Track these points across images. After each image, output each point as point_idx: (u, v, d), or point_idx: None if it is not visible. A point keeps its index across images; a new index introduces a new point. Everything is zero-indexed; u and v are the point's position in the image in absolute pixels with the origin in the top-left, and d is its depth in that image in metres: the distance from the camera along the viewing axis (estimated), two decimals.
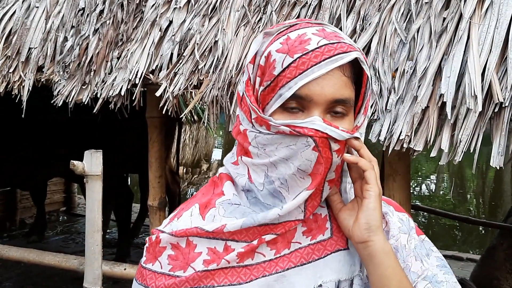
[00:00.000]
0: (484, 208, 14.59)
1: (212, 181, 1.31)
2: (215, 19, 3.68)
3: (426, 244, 1.33)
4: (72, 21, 4.27)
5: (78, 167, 3.53)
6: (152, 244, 1.23)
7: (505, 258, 6.42)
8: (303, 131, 1.09)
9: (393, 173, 3.32)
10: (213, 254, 1.17)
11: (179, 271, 1.17)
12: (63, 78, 4.06)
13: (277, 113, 1.13)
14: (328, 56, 1.09)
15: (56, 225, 9.14)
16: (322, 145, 1.10)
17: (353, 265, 1.21)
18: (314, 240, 1.21)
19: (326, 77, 1.09)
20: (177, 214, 1.27)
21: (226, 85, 3.37)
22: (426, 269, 1.26)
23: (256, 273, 1.17)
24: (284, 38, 1.13)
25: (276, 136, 1.12)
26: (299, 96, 1.10)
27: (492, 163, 2.59)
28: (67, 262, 4.23)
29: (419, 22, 3.00)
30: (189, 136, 14.99)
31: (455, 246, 9.54)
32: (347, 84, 1.13)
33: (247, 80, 1.20)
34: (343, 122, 1.14)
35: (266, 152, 1.15)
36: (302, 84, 1.09)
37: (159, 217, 4.47)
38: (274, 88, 1.13)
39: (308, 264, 1.19)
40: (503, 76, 2.69)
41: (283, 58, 1.11)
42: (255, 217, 1.15)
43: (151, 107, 4.29)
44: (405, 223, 1.33)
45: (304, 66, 1.09)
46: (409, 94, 2.86)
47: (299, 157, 1.11)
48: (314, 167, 1.12)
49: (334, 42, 1.11)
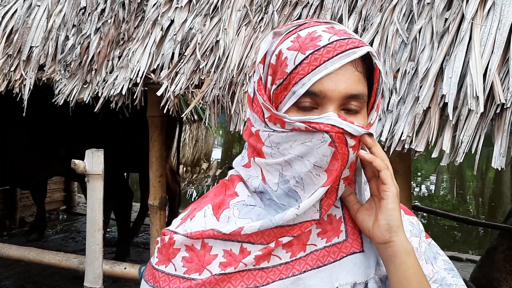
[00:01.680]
0: (483, 209, 14.60)
1: (223, 183, 1.29)
2: (217, 19, 3.68)
3: (433, 247, 1.34)
4: (73, 20, 4.26)
5: (80, 166, 3.53)
6: (165, 245, 1.20)
7: (504, 259, 6.42)
8: (319, 127, 1.08)
9: (394, 173, 3.30)
10: (229, 256, 1.16)
11: (195, 273, 1.15)
12: (64, 77, 4.06)
13: (290, 111, 1.13)
14: (340, 51, 1.08)
15: (56, 224, 9.13)
16: (339, 140, 1.09)
17: (368, 268, 1.20)
18: (330, 243, 1.20)
19: (339, 72, 1.09)
20: (190, 214, 1.25)
21: (227, 85, 3.36)
22: (436, 272, 1.27)
23: (273, 276, 1.16)
24: (295, 36, 1.13)
25: (290, 134, 1.11)
26: (313, 93, 1.10)
27: (494, 164, 2.59)
28: (68, 261, 4.23)
29: (421, 23, 3.00)
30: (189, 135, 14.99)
31: (454, 247, 9.54)
32: (360, 79, 1.12)
33: (258, 80, 1.19)
34: (357, 118, 1.13)
35: (280, 151, 1.14)
36: (315, 80, 1.08)
37: (159, 216, 4.47)
38: (287, 86, 1.12)
39: (324, 266, 1.18)
40: (505, 77, 2.69)
41: (295, 55, 1.10)
42: (273, 219, 1.14)
43: (152, 106, 4.29)
44: (415, 227, 1.34)
45: (316, 62, 1.08)
46: (411, 94, 2.85)
47: (315, 153, 1.10)
48: (330, 163, 1.10)
49: (345, 38, 1.10)
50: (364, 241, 1.22)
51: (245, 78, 3.33)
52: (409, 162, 3.43)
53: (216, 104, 3.42)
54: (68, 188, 10.10)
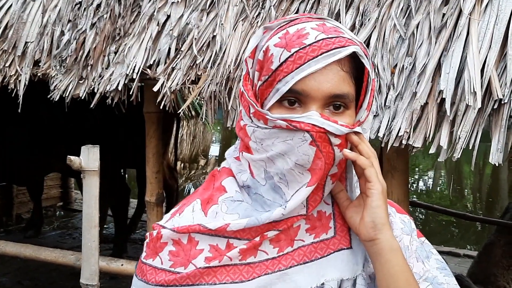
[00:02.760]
0: (481, 205, 14.62)
1: (212, 175, 1.30)
2: (213, 14, 3.66)
3: (426, 246, 1.34)
4: (69, 15, 4.24)
5: (75, 163, 3.51)
6: (153, 239, 1.22)
7: (502, 255, 6.43)
8: (299, 126, 1.08)
9: (392, 169, 3.30)
10: (215, 251, 1.16)
11: (180, 267, 1.16)
12: (60, 72, 4.04)
13: (275, 108, 1.13)
14: (325, 50, 1.08)
15: (53, 221, 9.13)
16: (321, 140, 1.09)
17: (356, 265, 1.20)
18: (318, 239, 1.20)
19: (323, 72, 1.08)
20: (179, 209, 1.26)
21: (224, 80, 3.35)
22: (427, 271, 1.27)
23: (259, 271, 1.16)
24: (283, 32, 1.13)
25: (273, 131, 1.12)
26: (296, 91, 1.09)
27: (491, 160, 2.58)
28: (64, 257, 4.21)
29: (418, 18, 2.99)
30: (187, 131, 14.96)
31: (452, 242, 9.56)
32: (345, 79, 1.11)
33: (245, 75, 1.20)
34: (343, 117, 1.13)
35: (263, 147, 1.15)
36: (298, 79, 1.08)
37: (156, 212, 4.46)
38: (271, 82, 1.12)
39: (311, 262, 1.19)
40: (502, 72, 2.68)
41: (281, 52, 1.10)
42: (259, 218, 1.14)
43: (149, 102, 4.27)
44: (407, 225, 1.33)
45: (301, 61, 1.08)
46: (408, 90, 2.84)
47: (296, 152, 1.10)
48: (313, 162, 1.10)
49: (333, 37, 1.09)
50: (353, 238, 1.23)
51: (242, 73, 3.31)
52: (407, 158, 3.42)
53: (213, 99, 3.41)
54: (65, 184, 10.08)
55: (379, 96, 2.89)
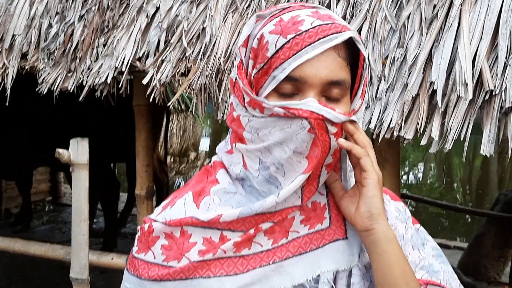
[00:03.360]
0: (471, 196, 14.71)
1: (205, 169, 1.28)
2: (203, 6, 3.63)
3: (421, 233, 1.33)
4: (56, 7, 4.19)
5: (64, 156, 3.48)
6: (144, 233, 1.20)
7: (492, 246, 6.48)
8: (298, 113, 1.07)
9: (383, 161, 3.30)
10: (209, 244, 1.15)
11: (173, 261, 1.15)
12: (48, 65, 4.00)
13: (271, 96, 1.11)
14: (322, 36, 1.07)
15: (42, 215, 9.09)
16: (318, 127, 1.08)
17: (351, 255, 1.19)
18: (312, 230, 1.19)
19: (321, 58, 1.07)
20: (170, 202, 1.24)
21: (215, 73, 3.32)
22: (423, 259, 1.26)
23: (253, 263, 1.15)
24: (277, 20, 1.11)
25: (270, 119, 1.10)
26: (293, 78, 1.08)
27: (483, 151, 2.58)
28: (54, 252, 4.19)
29: (409, 9, 2.98)
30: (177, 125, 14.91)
31: (442, 234, 9.60)
32: (342, 66, 1.10)
33: (239, 64, 1.18)
34: (339, 105, 1.12)
35: (259, 137, 1.13)
36: (296, 65, 1.07)
37: (146, 206, 4.44)
38: (267, 70, 1.10)
39: (306, 253, 1.18)
40: (493, 63, 2.67)
41: (276, 39, 1.08)
42: (252, 207, 1.13)
43: (138, 95, 4.24)
44: (402, 212, 1.32)
45: (297, 47, 1.07)
46: (400, 81, 2.83)
47: (295, 139, 1.09)
48: (311, 150, 1.09)
49: (328, 23, 1.08)
50: (348, 228, 1.21)
51: (232, 65, 3.29)
52: (398, 150, 3.42)
53: (203, 92, 3.38)
54: (54, 178, 10.04)
55: (370, 88, 2.88)
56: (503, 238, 6.47)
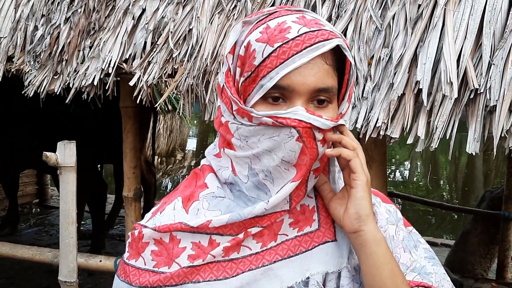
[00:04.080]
0: (457, 194, 14.79)
1: (194, 173, 1.28)
2: (189, 7, 3.63)
3: (414, 235, 1.33)
4: (42, 10, 4.18)
5: (51, 159, 3.46)
6: (134, 239, 1.20)
7: (478, 243, 6.53)
8: (286, 122, 1.07)
9: (370, 160, 3.32)
10: (198, 248, 1.15)
11: (164, 267, 1.15)
12: (34, 68, 3.99)
13: (258, 104, 1.11)
14: (309, 44, 1.06)
15: (29, 218, 9.02)
16: (306, 135, 1.08)
17: (340, 257, 1.19)
18: (301, 232, 1.19)
19: (308, 66, 1.07)
20: (160, 208, 1.24)
21: (201, 74, 3.33)
22: (415, 261, 1.26)
23: (242, 267, 1.15)
24: (264, 27, 1.11)
25: (258, 128, 1.10)
26: (281, 87, 1.08)
27: (468, 149, 2.60)
28: (41, 255, 4.17)
29: (394, 9, 3.00)
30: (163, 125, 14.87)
31: (429, 232, 9.65)
32: (329, 73, 1.11)
33: (227, 71, 1.17)
34: (327, 111, 1.12)
35: (248, 144, 1.13)
36: (283, 74, 1.07)
37: (134, 208, 4.43)
38: (255, 78, 1.10)
39: (295, 256, 1.18)
40: (478, 62, 2.70)
41: (263, 47, 1.08)
42: (241, 213, 1.13)
43: (125, 96, 4.23)
44: (392, 214, 1.32)
45: (285, 56, 1.06)
46: (385, 81, 2.85)
47: (283, 148, 1.09)
48: (299, 158, 1.10)
49: (315, 30, 1.08)
50: (337, 230, 1.21)
51: (219, 66, 3.30)
52: (385, 149, 3.44)
53: (190, 93, 3.39)
54: (40, 181, 9.96)
55: (356, 88, 2.90)
56: (489, 235, 6.52)
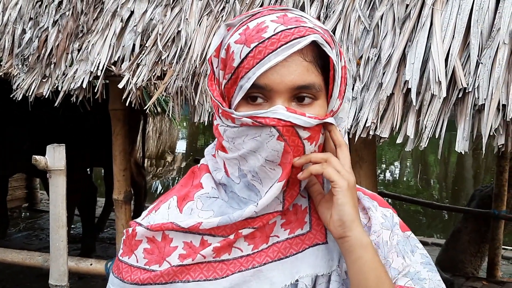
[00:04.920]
0: (447, 193, 14.85)
1: (192, 172, 1.30)
2: (178, 9, 3.63)
3: (412, 240, 1.30)
4: (30, 13, 4.17)
5: (41, 162, 3.45)
6: (128, 236, 1.22)
7: (469, 242, 6.56)
8: (265, 121, 1.07)
9: (360, 160, 3.33)
10: (189, 248, 1.16)
11: (155, 265, 1.16)
12: (22, 71, 3.97)
13: (241, 106, 1.12)
14: (284, 42, 1.06)
15: (19, 222, 8.98)
16: (288, 134, 1.08)
17: (331, 260, 1.19)
18: (293, 234, 1.19)
19: (285, 64, 1.07)
20: (155, 206, 1.26)
21: (190, 76, 3.33)
22: (408, 266, 1.23)
23: (233, 268, 1.16)
24: (244, 28, 1.11)
25: (241, 129, 1.11)
26: (259, 86, 1.08)
27: (457, 148, 2.61)
28: (32, 259, 4.16)
29: (382, 9, 3.00)
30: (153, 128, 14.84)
31: (420, 231, 9.68)
32: (309, 69, 1.09)
33: (210, 75, 1.19)
34: (311, 108, 1.11)
35: (235, 146, 1.14)
36: (259, 74, 1.06)
37: (124, 211, 4.42)
38: (235, 80, 1.11)
39: (286, 258, 1.18)
40: (466, 61, 2.71)
41: (241, 48, 1.08)
42: (231, 216, 1.14)
43: (114, 99, 4.22)
44: (388, 219, 1.30)
45: (260, 55, 1.06)
46: (374, 81, 2.86)
47: (265, 148, 1.09)
48: (283, 157, 1.10)
49: (292, 27, 1.07)
50: (328, 233, 1.21)
51: (208, 68, 3.30)
52: (374, 149, 3.45)
53: (179, 95, 3.38)
54: (30, 185, 9.92)
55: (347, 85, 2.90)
56: (479, 233, 6.55)
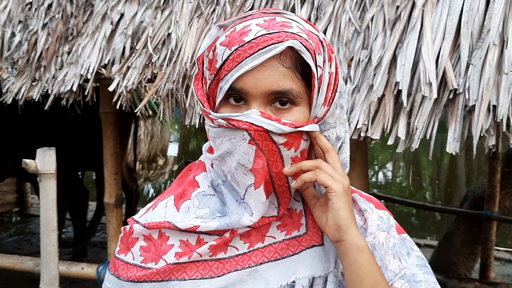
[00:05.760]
0: (440, 195, 14.87)
1: (188, 169, 1.32)
2: (168, 11, 3.62)
3: (408, 243, 1.31)
4: (19, 16, 4.15)
5: (31, 166, 3.43)
6: (125, 234, 1.23)
7: (461, 243, 6.57)
8: (237, 124, 1.07)
9: (351, 162, 3.31)
10: (185, 246, 1.17)
11: (151, 263, 1.17)
12: (12, 75, 3.95)
13: (222, 106, 1.12)
14: (262, 47, 1.05)
15: (9, 227, 8.93)
16: (261, 138, 1.08)
17: (327, 262, 1.20)
18: (289, 236, 1.20)
19: (261, 69, 1.06)
20: (153, 205, 1.27)
21: (181, 78, 3.32)
22: (404, 268, 1.24)
23: (229, 267, 1.16)
24: (231, 30, 1.11)
25: (219, 130, 1.12)
26: (236, 89, 1.09)
27: (448, 149, 2.62)
28: (22, 263, 4.13)
29: (372, 11, 3.01)
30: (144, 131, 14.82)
31: (412, 233, 9.69)
32: (286, 75, 1.08)
33: (197, 74, 1.19)
34: (290, 114, 1.10)
35: (216, 146, 1.15)
36: (236, 77, 1.07)
37: (116, 214, 4.40)
38: (217, 81, 1.12)
39: (282, 259, 1.18)
40: (456, 62, 2.72)
41: (223, 50, 1.09)
42: (228, 223, 1.14)
43: (105, 102, 4.21)
44: (384, 221, 1.31)
45: (239, 58, 1.06)
46: (365, 83, 2.86)
47: (238, 150, 1.10)
48: (255, 162, 1.10)
49: (273, 32, 1.06)
50: (325, 235, 1.21)
51: None
52: (366, 150, 3.45)
53: (170, 98, 3.37)
54: (20, 189, 9.86)
55: None
56: (471, 235, 6.56)
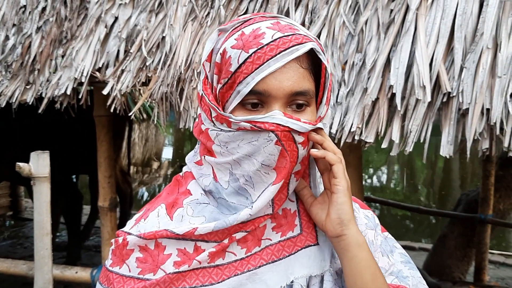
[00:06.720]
0: (434, 198, 14.90)
1: (176, 180, 1.29)
2: (162, 15, 3.62)
3: (390, 241, 1.36)
4: (13, 19, 4.14)
5: (25, 169, 3.43)
6: (118, 246, 1.20)
7: (455, 246, 6.58)
8: (264, 126, 1.08)
9: (346, 165, 3.32)
10: (183, 255, 1.15)
11: (149, 274, 1.15)
12: (6, 78, 3.94)
13: (237, 110, 1.12)
14: (283, 49, 1.07)
15: (3, 230, 8.90)
16: (285, 138, 1.09)
17: (323, 261, 1.21)
18: (284, 237, 1.21)
19: (283, 70, 1.08)
20: (143, 215, 1.25)
21: (175, 82, 3.31)
22: (392, 265, 1.29)
23: (228, 273, 1.16)
24: (239, 33, 1.12)
25: (237, 133, 1.11)
26: (258, 92, 1.09)
27: (442, 153, 2.62)
28: (16, 267, 4.12)
29: (367, 14, 3.02)
30: (139, 134, 14.80)
31: (407, 236, 9.70)
32: (305, 76, 1.11)
33: (204, 79, 1.18)
34: (305, 114, 1.13)
35: (228, 150, 1.14)
36: (259, 79, 1.07)
37: (110, 218, 4.39)
38: (232, 85, 1.11)
39: (280, 260, 1.19)
40: (450, 66, 2.73)
41: (239, 54, 1.09)
42: (226, 220, 1.14)
43: (99, 105, 4.20)
44: (371, 220, 1.35)
45: (260, 61, 1.07)
46: (359, 86, 2.87)
47: (262, 152, 1.10)
48: (278, 161, 1.11)
49: (289, 34, 1.09)
50: (319, 234, 1.23)
51: (193, 74, 3.29)
52: (360, 153, 3.45)
53: (164, 101, 3.37)
54: (14, 192, 9.82)
55: (332, 93, 2.90)
56: (466, 238, 6.56)
